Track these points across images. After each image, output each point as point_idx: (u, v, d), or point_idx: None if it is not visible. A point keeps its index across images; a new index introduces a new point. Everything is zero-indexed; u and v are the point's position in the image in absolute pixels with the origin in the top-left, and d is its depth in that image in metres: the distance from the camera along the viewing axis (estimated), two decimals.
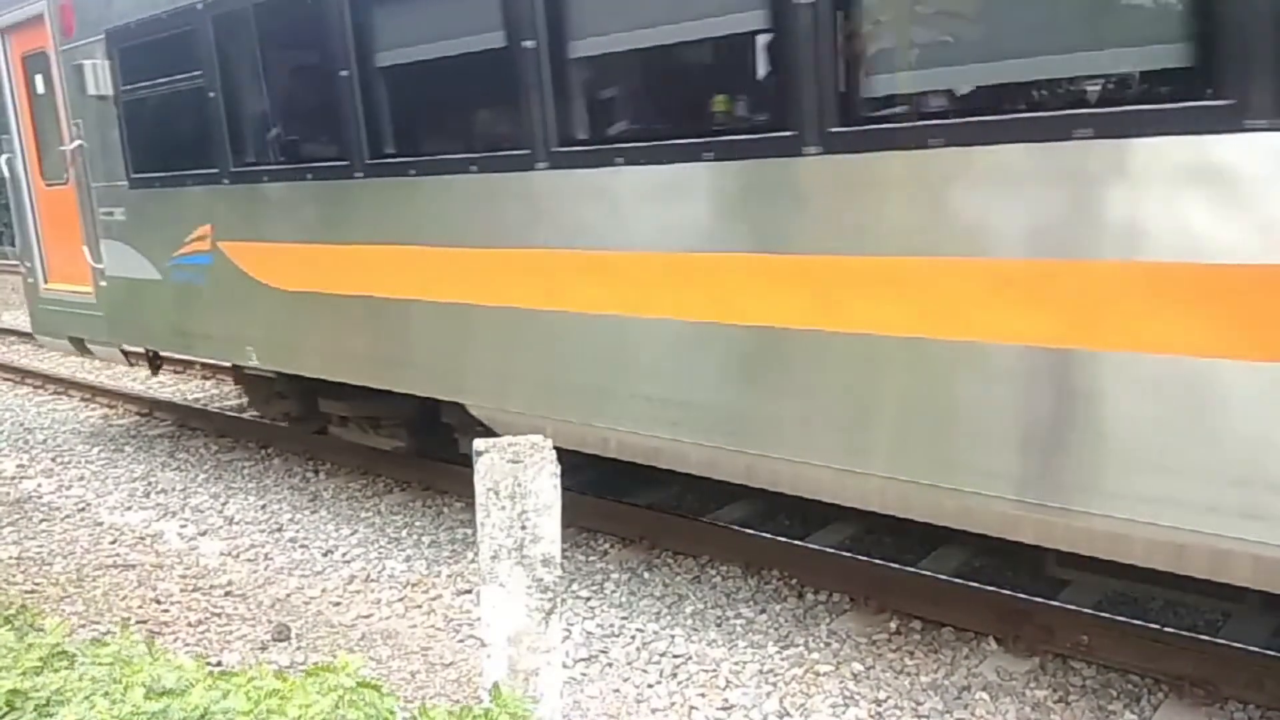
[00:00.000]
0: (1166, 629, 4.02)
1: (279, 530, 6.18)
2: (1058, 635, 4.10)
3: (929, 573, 4.71)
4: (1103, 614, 4.12)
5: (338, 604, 5.10)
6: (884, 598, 4.60)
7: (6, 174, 8.28)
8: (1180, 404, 2.98)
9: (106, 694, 2.45)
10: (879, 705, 3.88)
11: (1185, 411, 2.97)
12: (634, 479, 6.58)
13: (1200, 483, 2.98)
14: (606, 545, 5.62)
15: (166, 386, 10.68)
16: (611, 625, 4.64)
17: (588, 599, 4.94)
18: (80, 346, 8.28)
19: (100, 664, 2.67)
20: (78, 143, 7.34)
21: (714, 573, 5.15)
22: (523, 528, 2.97)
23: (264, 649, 4.58)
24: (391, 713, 2.39)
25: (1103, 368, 3.11)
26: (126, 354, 8.23)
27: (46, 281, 8.36)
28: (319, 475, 7.25)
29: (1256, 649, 3.79)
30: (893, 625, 4.47)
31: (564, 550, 5.56)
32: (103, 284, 7.47)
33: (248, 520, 6.38)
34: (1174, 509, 3.04)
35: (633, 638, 4.52)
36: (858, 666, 4.16)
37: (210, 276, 6.47)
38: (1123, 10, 3.16)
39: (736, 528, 5.48)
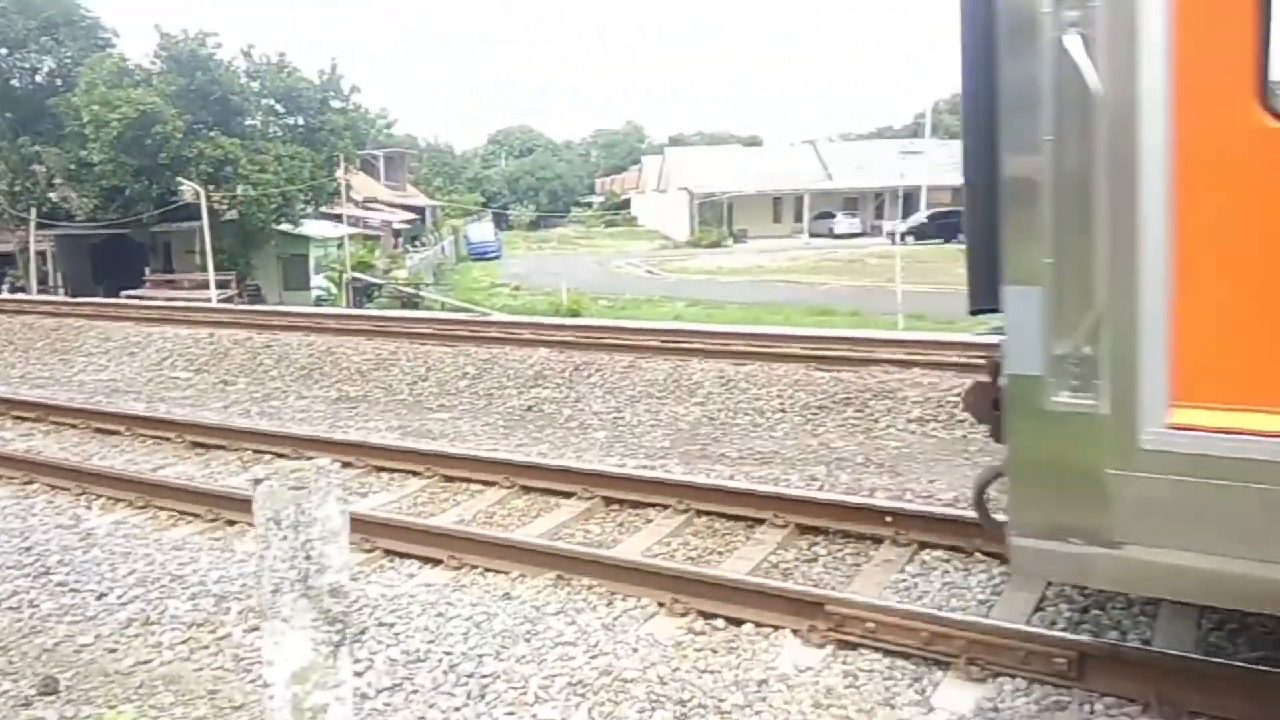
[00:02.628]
0: (943, 613, 4.31)
1: (46, 574, 5.62)
2: (847, 624, 4.32)
3: (730, 573, 4.86)
4: (887, 602, 4.38)
5: (113, 651, 4.69)
6: (688, 600, 4.70)
7: (1051, 82, 2.91)
8: None
9: None
10: (683, 706, 3.95)
11: None
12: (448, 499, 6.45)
13: None
14: (413, 568, 5.46)
15: None
16: (417, 651, 4.50)
17: (392, 625, 4.77)
18: None
19: None
20: None
21: (524, 587, 5.10)
22: (307, 558, 2.82)
23: (28, 705, 4.16)
24: None
25: None
26: None
27: (1176, 399, 2.92)
28: (91, 511, 6.67)
29: (1020, 626, 4.14)
30: (697, 626, 4.58)
31: (367, 576, 5.41)
32: None
33: (9, 565, 5.77)
34: None
35: (439, 661, 4.40)
36: (664, 670, 4.22)
37: None
38: None
39: (546, 542, 5.47)
